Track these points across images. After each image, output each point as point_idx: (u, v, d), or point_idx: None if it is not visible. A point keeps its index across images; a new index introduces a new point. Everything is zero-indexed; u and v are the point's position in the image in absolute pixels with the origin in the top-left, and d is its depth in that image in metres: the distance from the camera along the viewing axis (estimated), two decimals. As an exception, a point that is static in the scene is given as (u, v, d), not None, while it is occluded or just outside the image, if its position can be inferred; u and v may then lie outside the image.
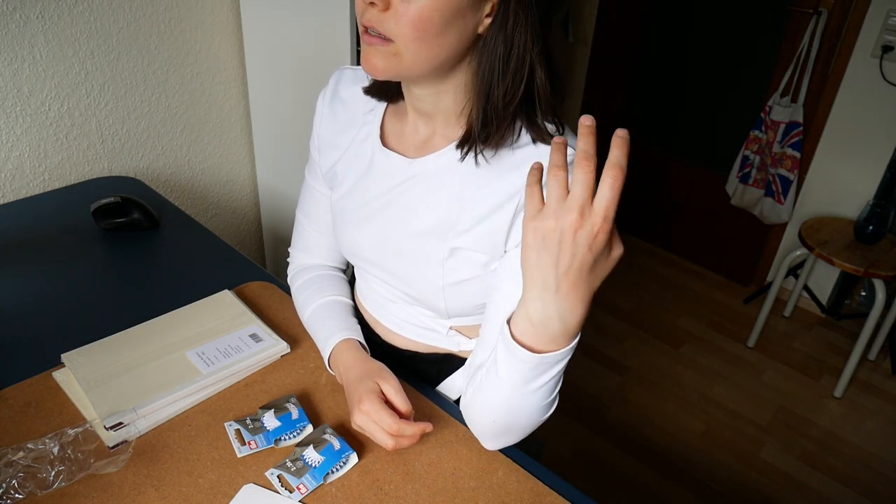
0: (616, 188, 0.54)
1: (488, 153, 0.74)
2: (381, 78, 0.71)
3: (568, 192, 0.56)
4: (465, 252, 0.78)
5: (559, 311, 0.61)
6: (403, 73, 0.70)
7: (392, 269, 0.85)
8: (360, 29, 0.69)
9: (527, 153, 0.73)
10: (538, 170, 0.60)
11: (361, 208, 0.85)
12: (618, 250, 0.59)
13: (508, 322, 0.67)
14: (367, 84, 0.85)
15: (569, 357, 0.67)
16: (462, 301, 0.82)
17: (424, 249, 0.80)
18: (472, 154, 0.73)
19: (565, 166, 0.57)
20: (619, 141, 0.54)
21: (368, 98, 0.85)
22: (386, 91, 0.83)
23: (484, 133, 0.72)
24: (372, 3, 0.65)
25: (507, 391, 0.70)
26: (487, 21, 0.68)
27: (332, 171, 0.90)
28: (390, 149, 0.82)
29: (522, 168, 0.72)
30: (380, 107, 0.85)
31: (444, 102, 0.75)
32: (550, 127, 0.74)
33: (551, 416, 0.75)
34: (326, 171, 0.91)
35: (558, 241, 0.57)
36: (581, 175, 0.55)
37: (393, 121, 0.84)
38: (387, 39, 0.66)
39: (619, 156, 0.54)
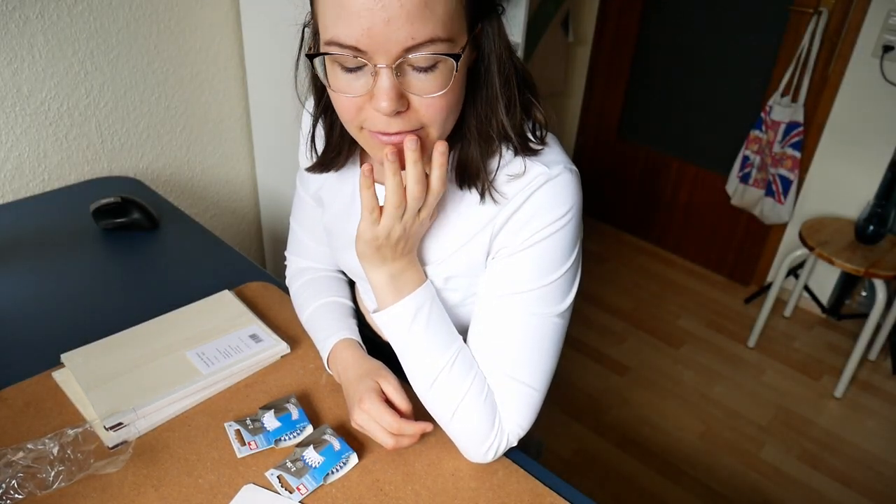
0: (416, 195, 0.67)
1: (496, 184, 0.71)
2: None
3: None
4: (457, 280, 0.78)
5: (390, 273, 0.74)
6: (430, 148, 0.68)
7: None
8: (372, 136, 0.65)
9: (501, 182, 0.71)
10: (369, 176, 0.67)
11: (350, 234, 0.84)
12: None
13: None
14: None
15: (421, 305, 0.75)
16: (459, 320, 0.82)
17: None
18: (487, 194, 0.71)
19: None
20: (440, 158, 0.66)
21: None
22: (332, 163, 0.81)
23: (489, 164, 0.70)
24: (398, 113, 0.62)
25: (405, 364, 0.77)
26: (473, 55, 0.66)
27: (318, 196, 0.90)
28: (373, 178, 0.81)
29: (501, 192, 0.71)
30: None
31: None
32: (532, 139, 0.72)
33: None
34: (314, 193, 0.91)
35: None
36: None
37: None
38: (414, 130, 0.64)
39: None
